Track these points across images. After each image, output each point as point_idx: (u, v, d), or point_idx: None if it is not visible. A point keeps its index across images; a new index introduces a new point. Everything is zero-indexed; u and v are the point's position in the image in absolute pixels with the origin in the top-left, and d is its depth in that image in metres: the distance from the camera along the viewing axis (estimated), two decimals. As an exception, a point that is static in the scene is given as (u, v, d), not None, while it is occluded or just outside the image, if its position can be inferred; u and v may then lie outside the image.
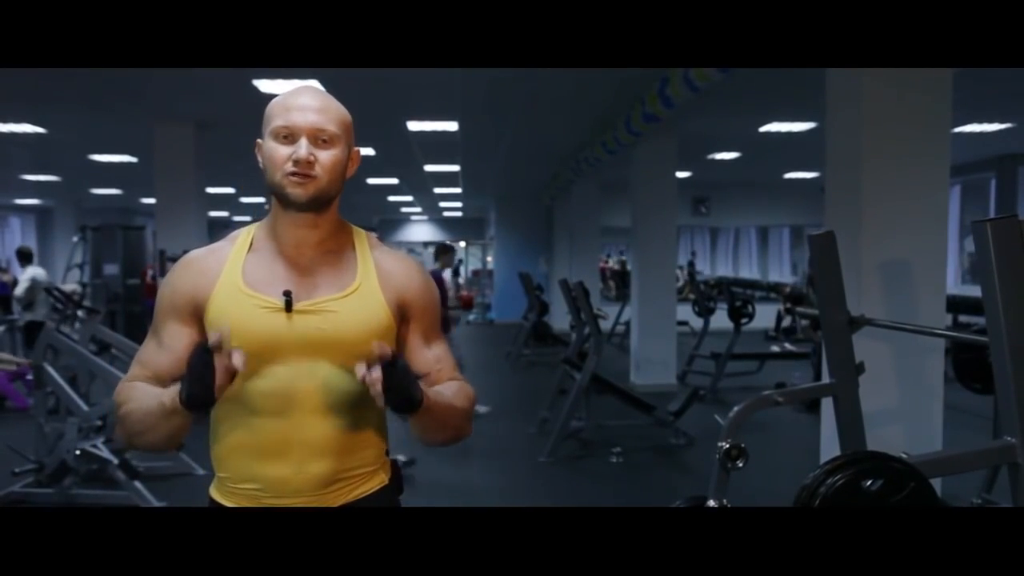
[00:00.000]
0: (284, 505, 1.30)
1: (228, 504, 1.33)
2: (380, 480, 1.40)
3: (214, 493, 1.37)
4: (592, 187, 12.21)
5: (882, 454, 1.76)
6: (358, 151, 1.40)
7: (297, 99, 1.30)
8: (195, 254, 1.39)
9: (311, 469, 1.30)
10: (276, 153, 1.28)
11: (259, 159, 1.33)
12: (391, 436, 1.42)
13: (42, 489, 4.28)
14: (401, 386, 1.19)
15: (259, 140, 1.33)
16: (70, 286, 5.55)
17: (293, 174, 1.27)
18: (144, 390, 1.29)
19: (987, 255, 1.83)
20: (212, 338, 1.14)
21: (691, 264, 17.06)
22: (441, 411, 1.30)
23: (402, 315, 1.39)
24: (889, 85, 3.47)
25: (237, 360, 1.14)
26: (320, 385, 1.29)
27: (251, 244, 1.36)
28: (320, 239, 1.35)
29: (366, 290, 1.34)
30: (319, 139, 1.29)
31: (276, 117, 1.29)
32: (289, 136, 1.28)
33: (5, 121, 7.55)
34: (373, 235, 1.45)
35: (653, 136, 7.33)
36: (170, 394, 1.20)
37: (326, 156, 1.29)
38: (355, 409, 1.32)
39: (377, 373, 1.17)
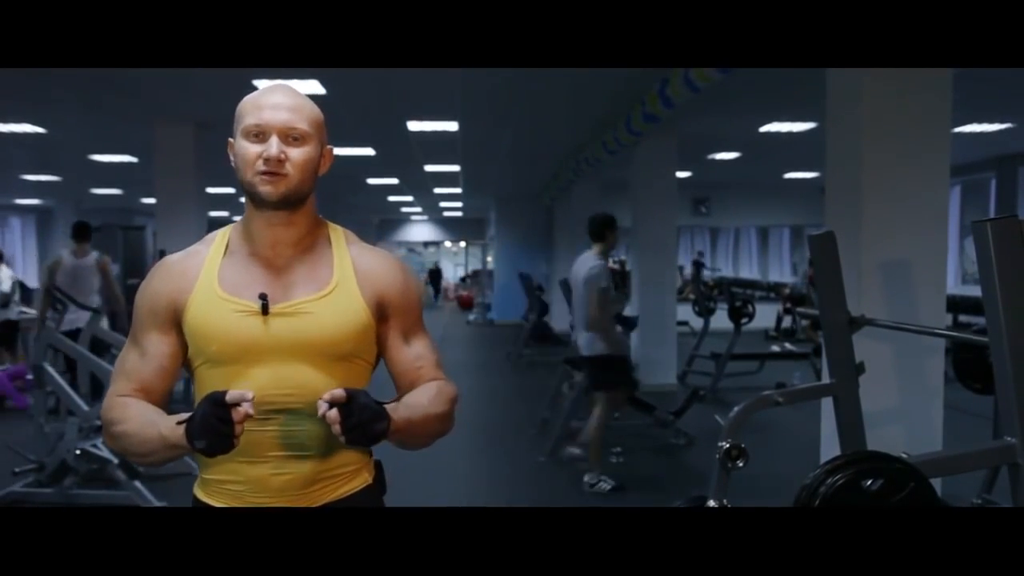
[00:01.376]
0: (268, 504, 1.30)
1: (213, 503, 1.33)
2: (363, 479, 1.39)
3: (198, 492, 1.37)
4: (592, 187, 12.19)
5: (882, 454, 1.76)
6: (330, 149, 1.39)
7: (268, 98, 1.29)
8: (171, 258, 1.38)
9: (292, 469, 1.30)
10: (247, 152, 1.28)
11: (231, 158, 1.33)
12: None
13: (42, 489, 4.28)
14: (361, 425, 1.18)
15: (231, 139, 1.33)
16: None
17: (264, 172, 1.27)
18: (139, 412, 1.28)
19: (987, 255, 1.83)
20: (232, 395, 1.13)
21: (696, 264, 16.97)
22: (413, 427, 1.29)
23: (381, 313, 1.38)
24: (889, 85, 3.47)
25: (248, 407, 1.14)
26: (299, 387, 1.29)
27: (227, 246, 1.36)
28: (296, 238, 1.34)
29: (343, 289, 1.34)
30: (290, 137, 1.28)
31: (247, 115, 1.29)
32: (260, 135, 1.28)
33: (5, 121, 7.55)
34: (350, 232, 1.44)
35: (653, 136, 7.32)
36: (170, 428, 1.20)
37: (297, 154, 1.29)
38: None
39: (335, 413, 1.16)
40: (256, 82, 5.85)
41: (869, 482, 1.65)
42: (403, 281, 1.41)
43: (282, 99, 1.30)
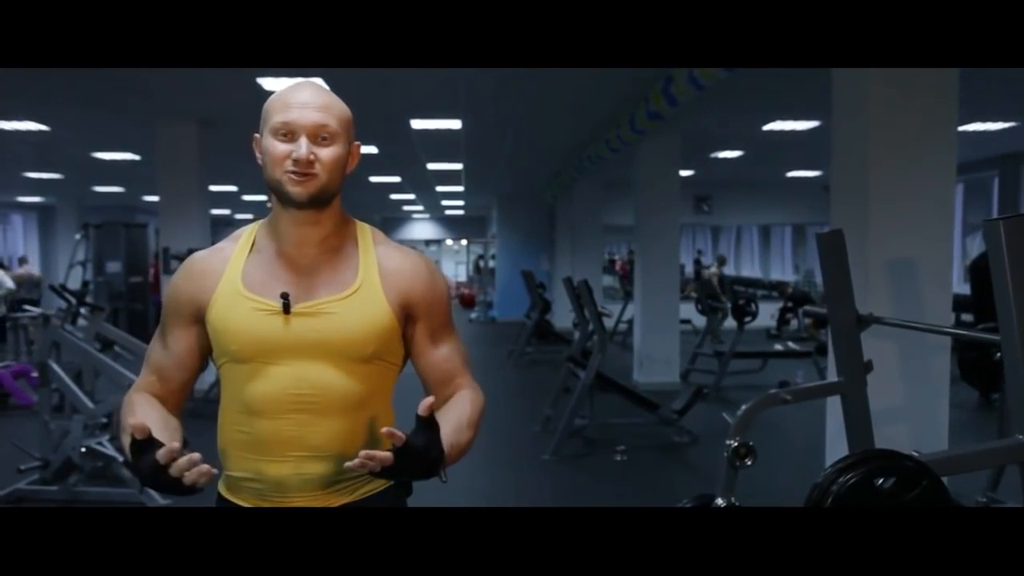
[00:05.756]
0: (286, 503, 1.30)
1: (234, 499, 1.34)
2: (384, 480, 1.34)
3: (221, 488, 1.38)
4: (595, 185, 12.20)
5: (893, 452, 1.75)
6: (358, 145, 1.38)
7: (297, 96, 1.28)
8: (198, 255, 1.39)
9: (311, 470, 1.29)
10: (275, 150, 1.27)
11: (257, 155, 1.32)
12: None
13: (47, 486, 4.28)
14: (412, 473, 1.21)
15: (257, 135, 1.32)
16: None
17: (292, 172, 1.26)
18: (135, 418, 1.28)
19: (999, 253, 1.83)
20: (162, 454, 1.12)
21: (697, 262, 17.02)
22: (459, 453, 1.30)
23: (407, 314, 1.36)
24: (895, 84, 3.46)
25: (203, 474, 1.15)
26: (319, 387, 1.28)
27: (253, 244, 1.36)
28: (322, 236, 1.33)
29: (367, 290, 1.32)
30: (319, 136, 1.28)
31: (275, 113, 1.28)
32: (288, 134, 1.27)
33: (8, 119, 7.54)
34: (379, 231, 1.43)
35: (656, 134, 7.32)
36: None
37: (326, 154, 1.28)
38: (355, 411, 1.31)
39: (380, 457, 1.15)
40: (260, 80, 5.85)
41: (881, 480, 1.65)
42: (429, 281, 1.39)
43: (311, 98, 1.29)
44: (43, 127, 7.87)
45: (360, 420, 1.32)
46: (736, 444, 2.41)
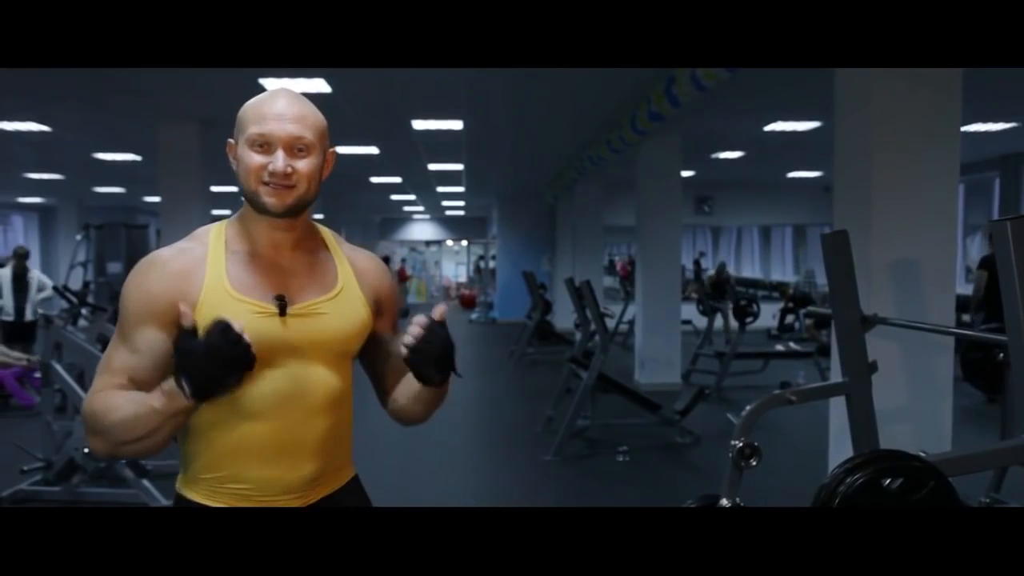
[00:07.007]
0: (272, 503, 1.30)
1: (205, 501, 1.31)
2: (349, 472, 1.45)
3: (190, 493, 1.33)
4: (595, 186, 12.20)
5: (900, 452, 1.74)
6: (333, 152, 1.39)
7: (272, 107, 1.27)
8: (165, 255, 1.32)
9: (303, 469, 1.31)
10: (251, 161, 1.27)
11: (231, 161, 1.32)
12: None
13: (49, 487, 4.28)
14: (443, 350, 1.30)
15: (231, 141, 1.31)
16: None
17: (268, 184, 1.27)
18: (123, 398, 1.22)
19: (1007, 254, 1.82)
20: (237, 326, 1.14)
21: (697, 263, 17.04)
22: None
23: (377, 310, 1.43)
24: (899, 84, 3.46)
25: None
26: (313, 386, 1.31)
27: (225, 245, 1.34)
28: (296, 240, 1.36)
29: (349, 290, 1.37)
30: (295, 148, 1.28)
31: (251, 124, 1.27)
32: (265, 145, 1.27)
33: (9, 119, 7.54)
34: (336, 233, 1.48)
35: (658, 135, 7.31)
36: (162, 398, 1.16)
37: (303, 165, 1.28)
38: (339, 408, 1.36)
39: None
40: (262, 81, 5.84)
41: (888, 481, 1.64)
42: (389, 279, 1.50)
43: (286, 108, 1.28)
44: (44, 128, 7.86)
45: (343, 415, 1.38)
46: (741, 444, 2.40)
